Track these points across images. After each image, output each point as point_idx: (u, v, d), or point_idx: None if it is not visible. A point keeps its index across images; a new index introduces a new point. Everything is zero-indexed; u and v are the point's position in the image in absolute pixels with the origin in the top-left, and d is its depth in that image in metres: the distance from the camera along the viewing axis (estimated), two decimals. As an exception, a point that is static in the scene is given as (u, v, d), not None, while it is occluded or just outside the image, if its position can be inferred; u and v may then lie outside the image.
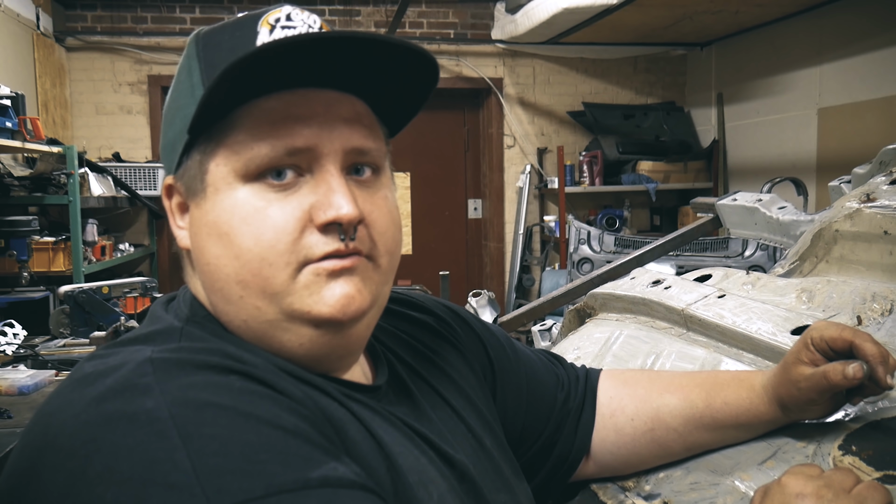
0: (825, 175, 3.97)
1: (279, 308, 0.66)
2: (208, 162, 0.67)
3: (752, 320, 1.09)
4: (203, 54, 0.68)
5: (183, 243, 0.71)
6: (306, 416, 0.60)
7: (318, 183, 0.65)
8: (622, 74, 5.57)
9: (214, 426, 0.54)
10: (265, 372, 0.62)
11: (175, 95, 0.71)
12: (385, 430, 0.68)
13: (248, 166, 0.64)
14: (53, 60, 4.65)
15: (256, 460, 0.53)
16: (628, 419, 0.92)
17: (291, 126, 0.65)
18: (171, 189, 0.71)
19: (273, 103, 0.65)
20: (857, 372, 0.77)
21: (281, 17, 0.68)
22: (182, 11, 5.02)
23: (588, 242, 3.77)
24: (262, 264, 0.64)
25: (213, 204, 0.66)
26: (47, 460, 0.55)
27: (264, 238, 0.64)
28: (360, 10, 5.21)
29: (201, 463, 0.52)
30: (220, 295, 0.67)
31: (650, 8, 4.06)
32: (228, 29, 0.69)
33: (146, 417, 0.54)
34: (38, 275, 3.51)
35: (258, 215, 0.64)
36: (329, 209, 0.64)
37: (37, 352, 2.48)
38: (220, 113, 0.65)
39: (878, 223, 1.18)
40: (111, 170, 4.33)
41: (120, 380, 0.57)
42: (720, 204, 2.22)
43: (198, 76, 0.67)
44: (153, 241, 5.00)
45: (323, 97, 0.67)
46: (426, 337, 0.87)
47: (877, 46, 3.81)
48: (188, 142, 0.67)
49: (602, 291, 1.41)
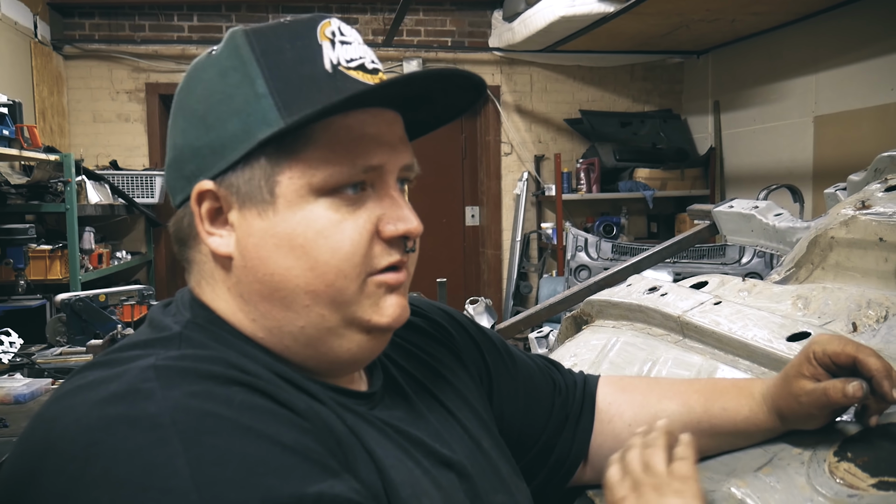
0: (821, 182, 3.98)
1: (342, 315, 0.69)
2: (279, 173, 0.66)
3: (748, 327, 1.09)
4: (264, 61, 0.67)
5: (223, 250, 0.68)
6: (308, 429, 0.60)
7: (382, 197, 0.70)
8: (619, 82, 5.59)
9: (215, 436, 0.54)
10: (267, 383, 0.62)
11: (222, 97, 0.67)
12: (378, 442, 0.69)
13: (328, 182, 0.66)
14: (51, 68, 4.66)
15: (254, 472, 0.53)
16: (626, 425, 0.92)
17: (367, 145, 0.68)
18: (206, 194, 0.68)
19: (350, 122, 0.68)
20: (856, 391, 0.77)
21: (335, 30, 0.70)
22: (180, 20, 5.03)
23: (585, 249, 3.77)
24: (337, 276, 0.67)
25: (286, 216, 0.67)
26: (49, 465, 0.55)
27: (342, 251, 0.67)
28: (358, 19, 5.23)
29: (200, 471, 0.52)
30: (281, 303, 0.68)
31: (647, 16, 4.07)
32: (285, 35, 0.68)
33: (148, 422, 0.54)
34: (34, 283, 3.50)
35: (335, 228, 0.67)
36: (399, 222, 0.69)
37: (33, 360, 2.47)
38: (300, 128, 0.66)
39: (873, 230, 1.18)
40: (108, 178, 4.33)
41: (123, 385, 0.57)
42: (717, 211, 2.23)
43: (263, 85, 0.66)
44: (150, 248, 5.00)
45: (386, 117, 0.71)
46: (422, 341, 0.88)
47: (872, 55, 3.83)
48: (253, 149, 0.66)
49: (599, 298, 1.41)
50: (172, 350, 0.63)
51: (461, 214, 5.75)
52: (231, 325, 0.70)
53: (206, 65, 0.70)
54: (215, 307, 0.70)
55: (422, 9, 5.24)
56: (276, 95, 0.65)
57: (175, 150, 0.71)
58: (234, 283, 0.69)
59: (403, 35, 5.22)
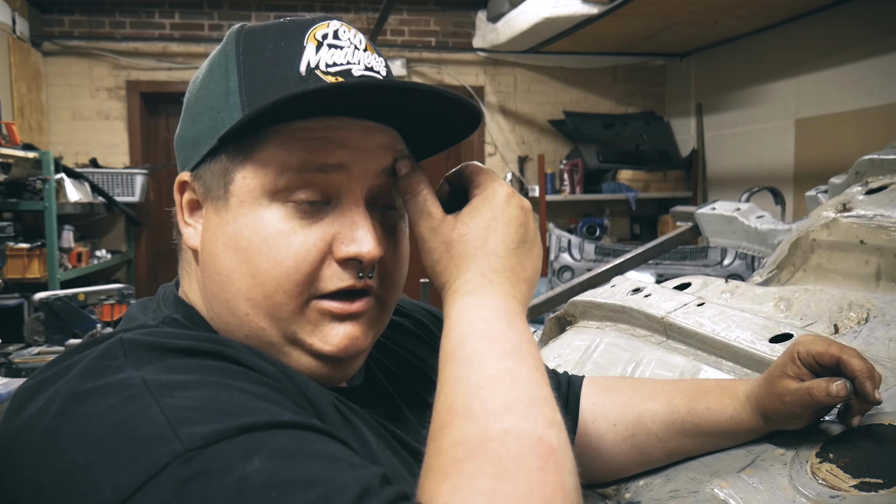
0: (802, 185, 4.02)
1: (283, 333, 0.66)
2: (235, 172, 0.65)
3: (731, 328, 1.09)
4: (243, 59, 0.66)
5: (191, 242, 0.69)
6: (279, 388, 0.59)
7: (343, 213, 0.65)
8: (602, 84, 5.61)
9: (186, 391, 0.53)
10: (239, 351, 0.61)
11: (205, 92, 0.68)
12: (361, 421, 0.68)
13: (277, 182, 0.64)
14: (30, 65, 4.60)
15: (229, 413, 0.52)
16: (610, 425, 0.92)
17: (326, 146, 0.64)
18: (185, 185, 0.70)
19: (311, 124, 0.65)
20: (840, 390, 0.77)
21: (329, 33, 0.67)
22: (161, 17, 4.99)
23: (569, 250, 3.78)
24: (276, 289, 0.64)
25: (236, 216, 0.65)
26: (20, 443, 0.54)
27: (283, 264, 0.64)
28: (342, 18, 5.20)
29: (174, 415, 0.51)
30: (226, 306, 0.67)
31: (630, 18, 4.09)
32: (272, 35, 0.67)
33: (118, 386, 0.53)
34: (12, 282, 3.45)
35: (281, 239, 0.64)
36: (352, 244, 0.64)
37: (11, 360, 2.44)
38: (255, 128, 0.64)
39: (854, 233, 1.19)
40: (88, 175, 4.29)
41: (90, 361, 0.56)
42: (699, 213, 2.24)
43: (235, 83, 0.66)
44: (130, 247, 4.95)
45: (362, 125, 0.66)
46: (404, 339, 0.87)
47: (852, 59, 3.87)
48: (214, 147, 0.66)
49: (582, 299, 1.41)
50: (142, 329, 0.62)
51: (445, 215, 5.74)
52: (207, 323, 0.69)
53: (208, 58, 0.71)
54: (192, 300, 0.71)
55: (406, 8, 5.24)
56: (243, 94, 0.65)
57: (175, 140, 0.73)
58: (200, 277, 0.69)
59: (387, 35, 5.21)
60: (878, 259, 1.16)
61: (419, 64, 5.29)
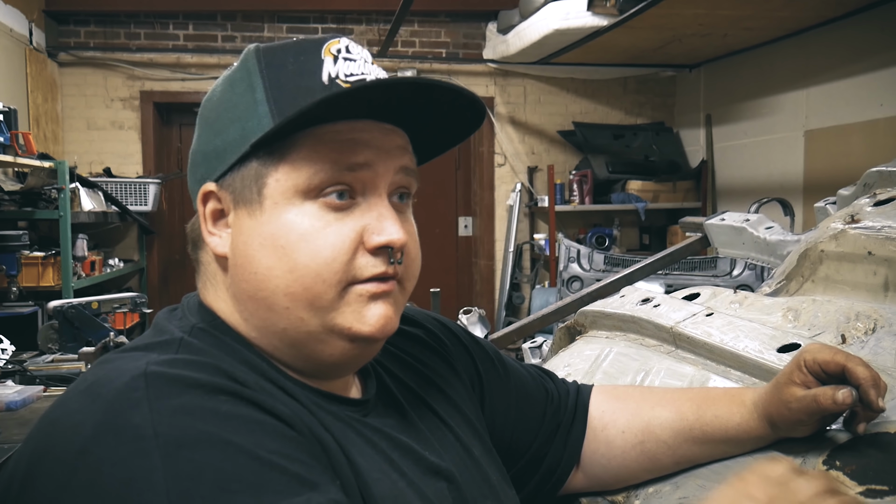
0: (811, 196, 4.02)
1: (322, 321, 0.69)
2: (267, 175, 0.69)
3: (740, 338, 1.10)
4: (267, 72, 0.70)
5: (220, 250, 0.72)
6: (292, 437, 0.61)
7: (370, 207, 0.70)
8: (612, 95, 5.62)
9: (194, 450, 0.56)
10: (254, 391, 0.63)
11: (228, 106, 0.72)
12: (363, 453, 0.70)
13: (311, 182, 0.68)
14: (46, 75, 4.66)
15: (227, 488, 0.55)
16: (619, 432, 0.93)
17: (353, 146, 0.69)
18: (210, 195, 0.73)
19: (339, 127, 0.69)
20: (846, 398, 0.78)
21: (341, 48, 0.72)
22: (175, 28, 5.04)
23: (578, 261, 3.79)
24: (315, 280, 0.68)
25: (271, 217, 0.69)
26: (43, 468, 0.57)
27: (321, 256, 0.68)
28: (353, 29, 5.25)
29: (175, 485, 0.54)
30: (264, 303, 0.70)
31: (640, 30, 4.11)
32: (291, 51, 0.72)
33: (133, 433, 0.56)
34: (27, 290, 3.49)
35: (317, 234, 0.68)
36: (382, 233, 0.69)
37: (25, 367, 2.46)
38: (286, 132, 0.68)
39: (862, 244, 1.20)
40: (102, 185, 4.33)
41: (114, 392, 0.59)
42: (708, 223, 2.25)
43: (262, 93, 0.70)
44: (143, 256, 4.99)
45: (381, 127, 0.72)
46: (416, 349, 0.89)
47: (861, 71, 3.87)
48: (245, 154, 0.69)
49: (592, 309, 1.42)
50: (167, 354, 0.64)
51: (454, 225, 5.76)
52: (233, 330, 0.72)
53: (222, 78, 0.75)
54: (217, 308, 0.73)
55: (417, 20, 5.27)
56: (272, 103, 0.69)
57: (192, 155, 0.76)
58: (230, 283, 0.72)
59: (398, 46, 5.25)
60: (885, 270, 1.16)
61: (430, 75, 5.31)
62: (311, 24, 5.14)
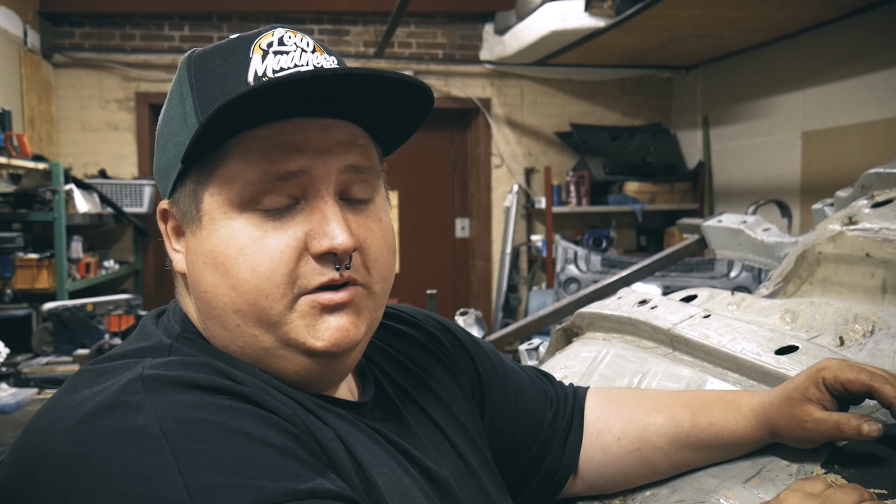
0: (809, 198, 4.02)
1: (275, 336, 0.66)
2: (202, 192, 0.67)
3: (737, 340, 1.09)
4: (195, 80, 0.67)
5: (179, 267, 0.71)
6: (294, 433, 0.60)
7: (313, 211, 0.66)
8: (609, 96, 5.62)
9: (205, 442, 0.55)
10: (254, 389, 0.62)
11: (167, 120, 0.70)
12: (368, 448, 0.69)
13: (242, 194, 0.65)
14: (40, 77, 4.64)
15: (246, 475, 0.54)
16: (615, 438, 0.92)
17: (283, 152, 0.65)
18: (167, 213, 0.72)
19: (265, 132, 0.65)
20: (872, 432, 0.74)
21: (273, 41, 0.67)
22: (171, 29, 5.03)
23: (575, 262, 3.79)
24: (258, 295, 0.65)
25: (209, 233, 0.66)
26: (38, 478, 0.55)
27: (261, 269, 0.64)
28: (350, 30, 5.25)
29: (192, 478, 0.52)
30: (217, 322, 0.68)
31: (637, 32, 4.11)
32: (220, 53, 0.68)
33: (138, 434, 0.54)
34: (21, 292, 3.48)
35: (254, 245, 0.64)
36: (324, 238, 0.64)
37: (19, 370, 2.45)
38: (213, 144, 0.65)
39: (860, 246, 1.19)
40: (97, 186, 4.32)
41: (111, 396, 0.57)
42: (706, 225, 2.24)
43: (190, 104, 0.67)
44: (138, 258, 4.97)
45: (316, 124, 0.67)
46: (414, 352, 0.87)
47: (859, 72, 3.87)
48: (181, 170, 0.67)
49: (589, 311, 1.41)
50: (161, 359, 0.63)
51: (451, 226, 5.76)
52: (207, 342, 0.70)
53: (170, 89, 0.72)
54: (193, 321, 0.72)
55: (413, 21, 5.27)
56: (198, 113, 0.66)
57: (154, 172, 0.75)
58: (196, 302, 0.70)
59: (395, 47, 5.24)
60: (883, 272, 1.16)
61: (426, 76, 5.31)
62: (308, 24, 5.14)
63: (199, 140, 0.63)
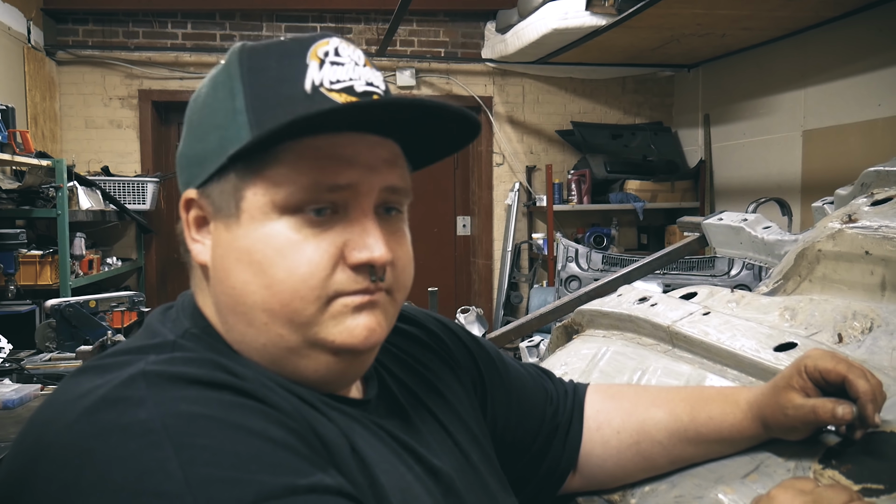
0: (809, 196, 4.02)
1: (303, 336, 0.67)
2: (245, 189, 0.67)
3: (737, 337, 1.10)
4: (248, 78, 0.67)
5: (200, 258, 0.71)
6: (294, 429, 0.61)
7: (352, 222, 0.67)
8: (610, 94, 5.63)
9: (206, 437, 0.55)
10: (255, 385, 0.63)
11: (209, 111, 0.70)
12: (372, 445, 0.69)
13: (288, 199, 0.65)
14: (44, 74, 4.65)
15: (246, 470, 0.54)
16: (614, 432, 0.93)
17: (336, 164, 0.66)
18: (192, 203, 0.71)
19: (320, 142, 0.66)
20: (846, 414, 0.78)
21: (329, 50, 0.68)
22: (174, 27, 5.04)
23: (576, 260, 3.79)
24: (293, 296, 0.65)
25: (247, 231, 0.66)
26: (40, 470, 0.55)
27: (298, 272, 0.65)
28: (352, 28, 5.25)
29: (192, 472, 0.53)
30: (243, 318, 0.68)
31: (638, 30, 4.11)
32: (274, 54, 0.68)
33: (139, 428, 0.55)
34: (24, 288, 3.49)
35: (294, 249, 0.65)
36: (363, 250, 0.66)
37: (22, 366, 2.46)
38: (265, 146, 0.65)
39: (859, 243, 1.20)
40: (100, 183, 4.33)
41: (113, 391, 0.58)
42: (706, 223, 2.25)
43: (241, 101, 0.67)
44: (141, 255, 4.98)
45: (367, 140, 0.68)
46: (417, 351, 0.88)
47: (859, 71, 3.87)
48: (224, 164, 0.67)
49: (589, 308, 1.42)
50: (163, 355, 0.64)
51: (453, 224, 5.76)
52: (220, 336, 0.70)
53: (208, 78, 0.72)
54: (206, 314, 0.72)
55: (415, 19, 5.27)
56: (250, 112, 0.66)
57: (178, 157, 0.74)
58: (212, 292, 0.71)
59: (397, 45, 5.25)
60: (882, 269, 1.17)
61: (428, 74, 5.32)
62: (310, 22, 5.14)
63: (258, 142, 0.63)
